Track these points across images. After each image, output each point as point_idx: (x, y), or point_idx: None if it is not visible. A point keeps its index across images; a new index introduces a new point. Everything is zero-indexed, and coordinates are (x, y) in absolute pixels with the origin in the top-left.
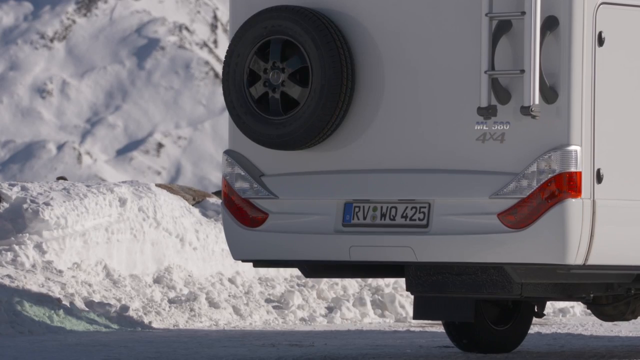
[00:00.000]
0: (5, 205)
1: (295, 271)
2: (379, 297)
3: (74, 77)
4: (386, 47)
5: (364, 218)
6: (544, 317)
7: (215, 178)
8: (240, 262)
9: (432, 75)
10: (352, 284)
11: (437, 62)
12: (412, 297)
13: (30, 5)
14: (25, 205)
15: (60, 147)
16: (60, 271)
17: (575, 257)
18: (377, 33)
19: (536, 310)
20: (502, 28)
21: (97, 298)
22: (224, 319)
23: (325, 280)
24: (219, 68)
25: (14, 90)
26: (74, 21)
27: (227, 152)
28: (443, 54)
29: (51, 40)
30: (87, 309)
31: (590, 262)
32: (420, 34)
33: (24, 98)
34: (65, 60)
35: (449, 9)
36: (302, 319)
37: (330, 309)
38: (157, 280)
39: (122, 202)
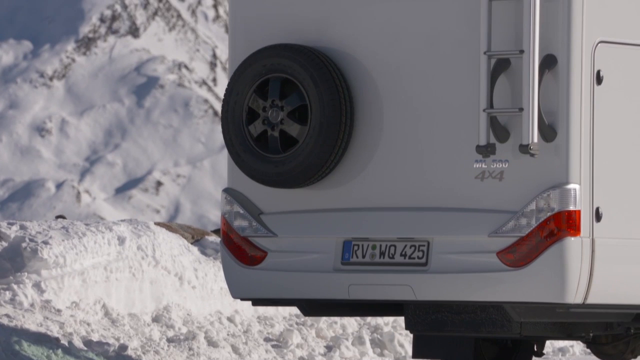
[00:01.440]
0: (4, 244)
1: (294, 310)
2: (378, 336)
3: (73, 115)
4: (385, 85)
5: (363, 256)
6: (544, 356)
7: (214, 216)
8: (239, 300)
9: (431, 113)
10: (351, 323)
11: (435, 100)
12: (412, 335)
13: (30, 44)
14: (24, 244)
15: (59, 186)
16: (59, 310)
17: (574, 296)
18: (375, 71)
19: (536, 349)
20: (500, 66)
21: (95, 337)
22: (223, 358)
23: (324, 318)
24: (218, 106)
25: (13, 128)
26: (73, 60)
27: (226, 191)
28: (442, 92)
29: (50, 79)
30: (85, 348)
31: (590, 301)
32: (419, 71)
33: (23, 137)
34: (65, 98)
35: (448, 47)
36: (301, 358)
37: (329, 348)
38: (155, 319)
39: (121, 240)
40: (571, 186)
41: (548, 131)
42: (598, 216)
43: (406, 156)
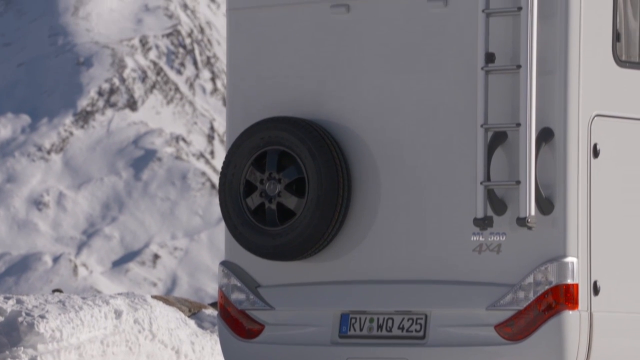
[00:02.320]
0: (0, 318)
1: None
2: None
3: (70, 188)
4: (382, 157)
5: (361, 329)
6: None
7: (211, 289)
8: None
9: (428, 186)
10: None
11: (433, 173)
12: None
13: (28, 118)
14: (20, 319)
15: (56, 259)
16: None
17: None
18: (373, 143)
19: None
20: (497, 139)
21: None
22: None
23: None
24: (216, 179)
25: (10, 202)
26: (71, 133)
27: (224, 263)
28: (439, 164)
29: (48, 152)
30: None
31: None
32: (416, 144)
33: (20, 210)
34: (62, 172)
35: (445, 120)
36: None
37: None
38: None
39: (118, 314)
40: (569, 259)
41: (545, 204)
42: (596, 290)
43: (403, 228)
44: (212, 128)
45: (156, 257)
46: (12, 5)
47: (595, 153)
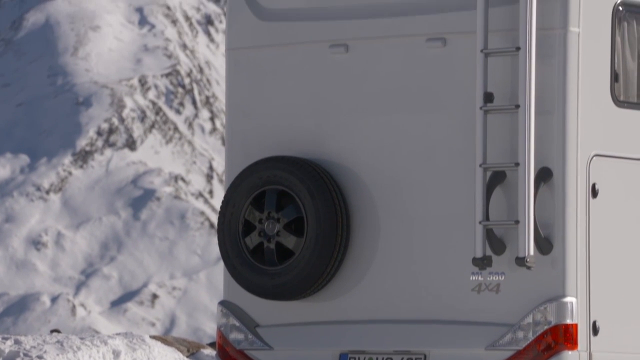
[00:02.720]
0: None
1: None
2: None
3: (69, 228)
4: (381, 197)
5: None
6: None
7: (210, 329)
8: None
9: (427, 225)
10: None
11: (432, 212)
12: None
13: (27, 158)
14: (18, 359)
15: (54, 299)
16: None
17: None
18: (372, 182)
19: None
20: (496, 178)
21: None
22: None
23: None
24: (215, 218)
25: (8, 242)
26: (70, 173)
27: (222, 303)
28: (438, 204)
29: (47, 192)
30: None
31: None
32: (415, 183)
33: (18, 250)
34: (61, 211)
35: (444, 159)
36: None
37: None
38: None
39: (116, 354)
40: (568, 299)
41: (544, 244)
42: (595, 330)
43: (403, 268)
44: (211, 167)
45: (155, 296)
46: (12, 45)
47: (594, 193)
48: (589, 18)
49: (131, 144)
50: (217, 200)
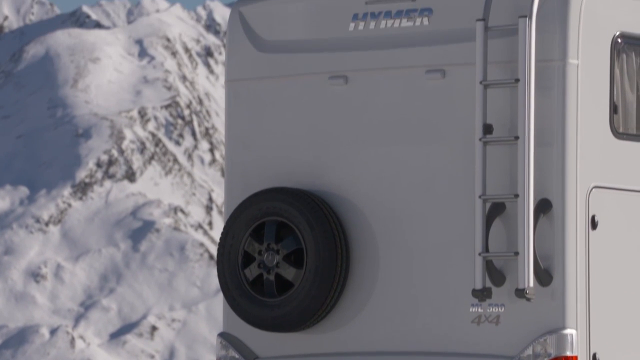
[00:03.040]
0: None
1: None
2: None
3: (68, 260)
4: (380, 228)
5: None
6: None
7: None
8: None
9: (427, 256)
10: None
11: (431, 243)
12: None
13: (26, 190)
14: None
15: (53, 332)
16: None
17: None
18: (371, 214)
19: None
20: (495, 210)
21: None
22: None
23: None
24: (214, 250)
25: (8, 274)
26: (69, 205)
27: (222, 335)
28: (437, 235)
29: (46, 224)
30: None
31: None
32: (414, 215)
33: (17, 282)
34: (60, 243)
35: (443, 191)
36: None
37: None
38: None
39: None
40: (568, 331)
41: (544, 275)
42: None
43: (402, 299)
44: (210, 199)
45: (154, 328)
46: (11, 78)
47: (594, 224)
48: (588, 50)
49: (130, 176)
50: (217, 232)
